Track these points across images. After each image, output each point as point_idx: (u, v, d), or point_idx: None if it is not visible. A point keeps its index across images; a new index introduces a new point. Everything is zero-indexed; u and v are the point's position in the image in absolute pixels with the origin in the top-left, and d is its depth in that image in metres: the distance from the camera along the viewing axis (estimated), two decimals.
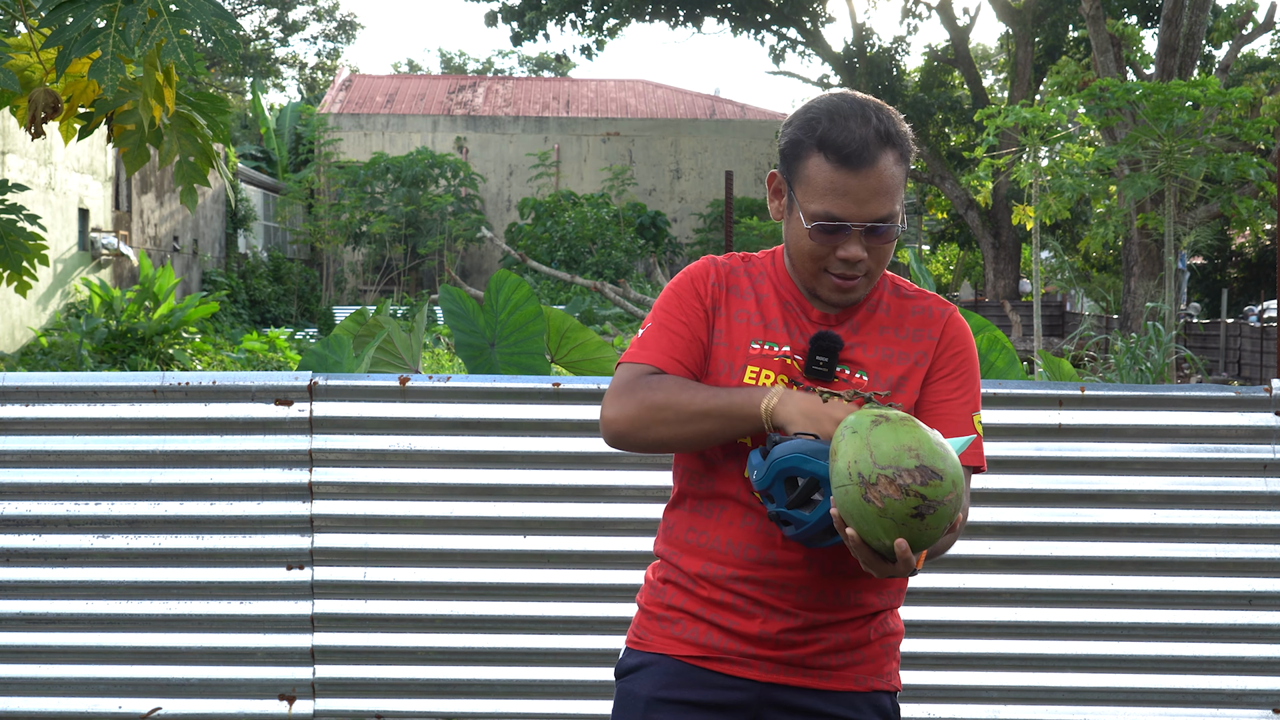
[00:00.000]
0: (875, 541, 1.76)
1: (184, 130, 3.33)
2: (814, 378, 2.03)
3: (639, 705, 2.09)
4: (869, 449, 1.75)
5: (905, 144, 2.00)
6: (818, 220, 1.97)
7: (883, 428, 1.78)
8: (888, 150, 1.96)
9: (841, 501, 1.77)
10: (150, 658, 3.58)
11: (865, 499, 1.74)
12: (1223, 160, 12.87)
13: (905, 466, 1.73)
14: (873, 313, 2.10)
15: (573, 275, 12.40)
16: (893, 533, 1.74)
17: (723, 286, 2.12)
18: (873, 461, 1.74)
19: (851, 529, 1.77)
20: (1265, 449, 3.52)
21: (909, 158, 2.02)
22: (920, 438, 1.77)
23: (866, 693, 2.09)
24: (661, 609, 2.12)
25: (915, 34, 41.69)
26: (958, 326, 2.12)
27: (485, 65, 54.00)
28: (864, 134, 1.95)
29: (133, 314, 15.69)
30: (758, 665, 2.06)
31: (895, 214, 1.98)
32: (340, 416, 3.56)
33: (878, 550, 1.77)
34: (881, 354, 2.07)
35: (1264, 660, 3.53)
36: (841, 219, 1.97)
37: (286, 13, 44.92)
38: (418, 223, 29.95)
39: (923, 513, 1.73)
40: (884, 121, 1.98)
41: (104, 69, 2.63)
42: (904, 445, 1.75)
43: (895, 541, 1.74)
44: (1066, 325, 27.25)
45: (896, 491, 1.72)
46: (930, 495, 1.73)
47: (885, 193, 1.96)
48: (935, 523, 1.74)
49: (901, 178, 2.00)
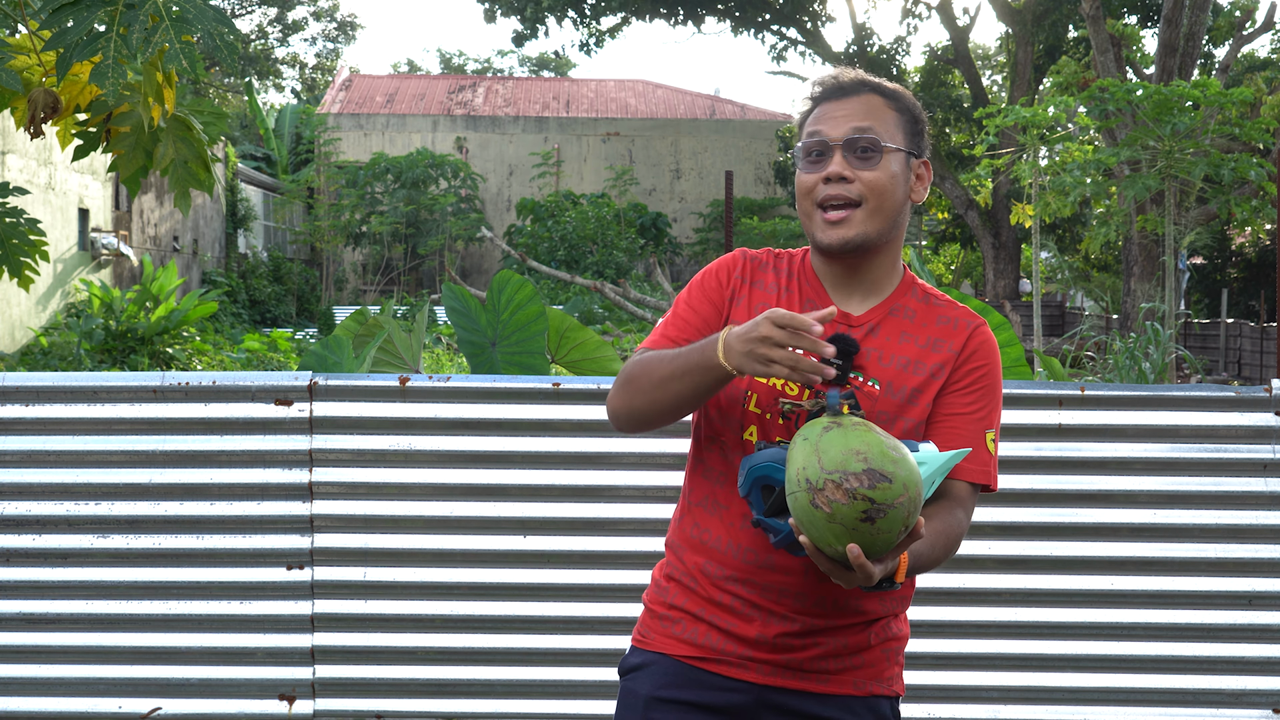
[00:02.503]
0: (828, 548, 1.73)
1: (180, 134, 3.34)
2: (828, 380, 2.02)
3: (639, 704, 2.10)
4: (817, 454, 1.72)
5: (903, 102, 2.08)
6: (801, 144, 2.05)
7: (833, 433, 1.75)
8: (874, 94, 2.06)
9: (793, 508, 1.74)
10: (150, 658, 3.58)
11: (813, 504, 1.71)
12: (1223, 161, 12.87)
13: (852, 470, 1.70)
14: (895, 317, 2.07)
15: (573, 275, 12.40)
16: (843, 538, 1.70)
17: (747, 279, 2.12)
18: (820, 467, 1.71)
19: (804, 536, 1.75)
20: (1265, 449, 3.52)
21: (911, 117, 2.08)
22: (870, 441, 1.73)
23: (865, 697, 2.08)
24: (664, 608, 2.13)
25: (915, 34, 41.71)
26: (982, 341, 2.08)
27: (485, 65, 54.01)
28: (848, 75, 2.08)
29: (133, 314, 15.68)
30: (755, 668, 2.06)
31: (876, 132, 2.02)
32: (340, 416, 3.56)
33: (832, 557, 1.74)
34: (898, 362, 2.04)
35: (1264, 660, 3.53)
36: (820, 133, 2.03)
37: (286, 13, 44.90)
38: (418, 223, 29.95)
39: (872, 516, 1.69)
40: (879, 82, 2.08)
41: (105, 74, 2.63)
42: (851, 449, 1.72)
43: (847, 547, 1.71)
44: (1066, 325, 27.25)
45: (843, 496, 1.69)
46: (879, 499, 1.69)
47: (865, 114, 2.03)
48: (887, 526, 1.70)
49: (894, 120, 2.05)
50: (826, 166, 2.02)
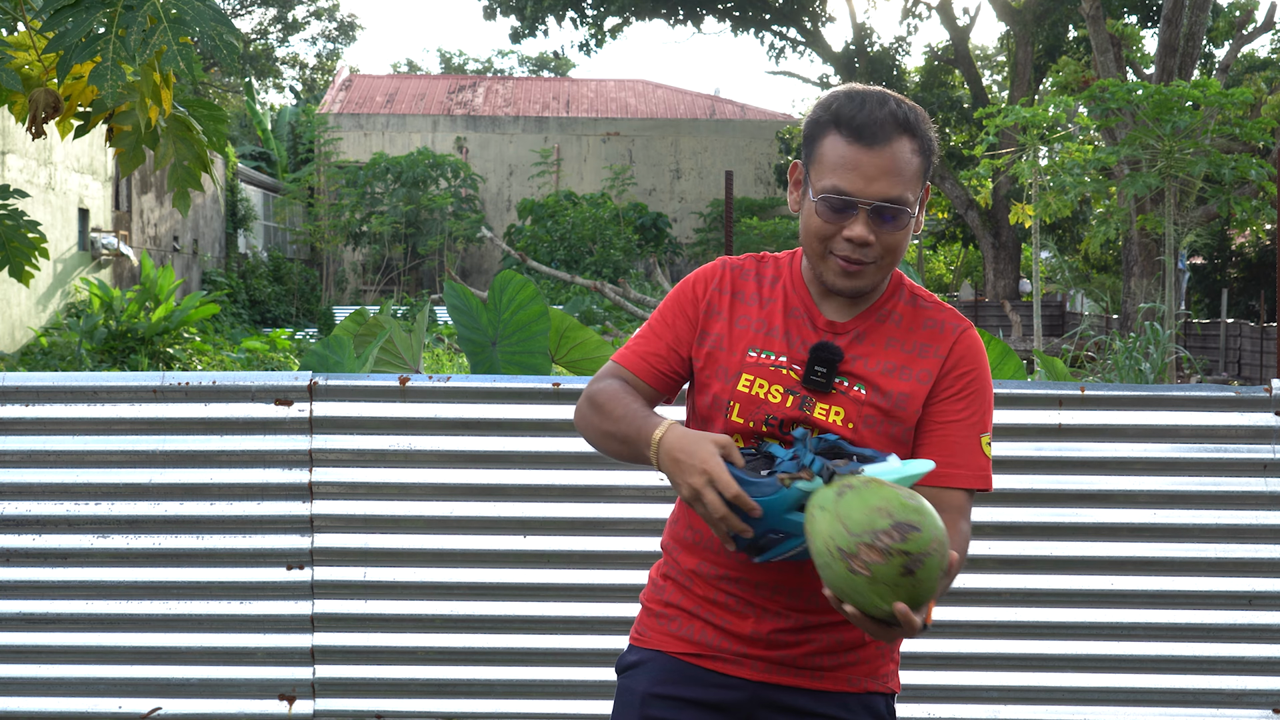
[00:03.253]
0: (876, 610, 1.71)
1: (179, 134, 3.34)
2: (812, 388, 2.01)
3: (636, 701, 2.11)
4: (840, 522, 1.71)
5: (925, 138, 1.97)
6: (825, 194, 1.95)
7: (848, 496, 1.73)
8: (904, 136, 1.94)
9: (830, 580, 1.73)
10: (150, 658, 3.58)
11: (851, 571, 1.69)
12: (1223, 161, 12.87)
13: (880, 528, 1.69)
14: (882, 323, 2.06)
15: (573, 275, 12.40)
16: (889, 597, 1.69)
17: (726, 291, 2.10)
18: (847, 532, 1.70)
19: (849, 605, 1.73)
20: (1265, 449, 3.52)
21: (929, 154, 1.98)
22: (888, 496, 1.72)
23: (860, 694, 2.09)
24: (660, 606, 2.14)
25: (915, 34, 41.71)
26: (968, 345, 2.06)
27: (485, 65, 54.00)
28: (880, 114, 1.93)
29: (133, 314, 15.69)
30: (750, 664, 2.06)
31: (906, 200, 1.94)
32: (340, 416, 3.56)
33: (881, 619, 1.73)
34: (884, 367, 2.03)
35: (1264, 660, 3.53)
36: (849, 193, 1.93)
37: (286, 13, 44.90)
38: (418, 223, 29.95)
39: (911, 569, 1.68)
40: (904, 110, 1.96)
41: (104, 75, 2.63)
42: (874, 508, 1.70)
43: (894, 606, 1.69)
44: (1066, 325, 27.25)
45: (879, 555, 1.68)
46: (913, 550, 1.68)
47: (896, 174, 1.93)
48: (927, 575, 1.70)
49: (917, 168, 1.96)
50: (849, 225, 1.95)
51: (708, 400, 2.06)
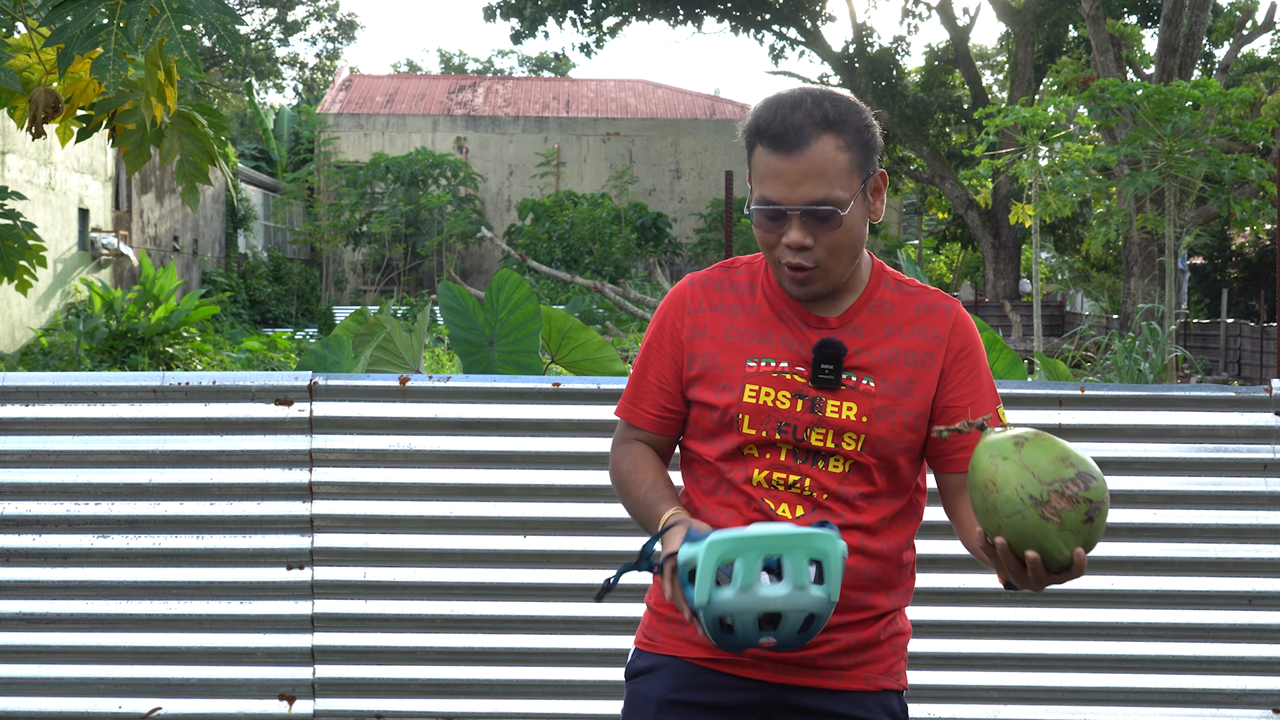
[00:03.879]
0: (1058, 555, 1.79)
1: (185, 129, 3.33)
2: (821, 387, 2.01)
3: (650, 707, 2.08)
4: (1029, 470, 1.79)
5: (854, 131, 1.96)
6: (757, 206, 1.98)
7: (1029, 446, 1.82)
8: (824, 135, 1.93)
9: (1019, 527, 1.79)
10: (150, 658, 3.58)
11: (1044, 518, 1.78)
12: (1223, 161, 12.87)
13: (1068, 477, 1.78)
14: (875, 313, 2.06)
15: (573, 275, 12.40)
16: (1071, 543, 1.78)
17: (704, 309, 2.10)
18: (1038, 480, 1.78)
19: (1032, 551, 1.78)
20: (1265, 449, 3.52)
21: (864, 146, 1.97)
22: (1064, 448, 1.82)
23: (876, 692, 2.09)
24: (672, 610, 2.11)
25: (915, 34, 41.71)
26: (965, 323, 2.10)
27: (485, 65, 53.99)
28: (795, 118, 1.93)
29: (133, 314, 15.69)
30: (769, 666, 2.05)
31: (835, 199, 1.93)
32: (340, 416, 3.56)
33: (1058, 563, 1.80)
34: (888, 355, 2.04)
35: (1264, 660, 3.53)
36: (775, 202, 1.95)
37: (286, 13, 44.90)
38: (418, 223, 29.95)
39: (1092, 515, 1.78)
40: (825, 108, 1.95)
41: (106, 66, 2.61)
42: (1056, 457, 1.80)
43: (1074, 551, 1.78)
44: (1066, 325, 27.25)
45: (1068, 503, 1.77)
46: (1094, 498, 1.78)
47: (819, 176, 1.93)
48: (1100, 523, 1.80)
49: (846, 164, 1.94)
50: (784, 232, 1.97)
51: (714, 417, 2.06)
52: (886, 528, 2.06)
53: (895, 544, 2.08)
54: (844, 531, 2.02)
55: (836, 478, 2.03)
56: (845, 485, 2.03)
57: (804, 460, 2.03)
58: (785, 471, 2.03)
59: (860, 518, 2.03)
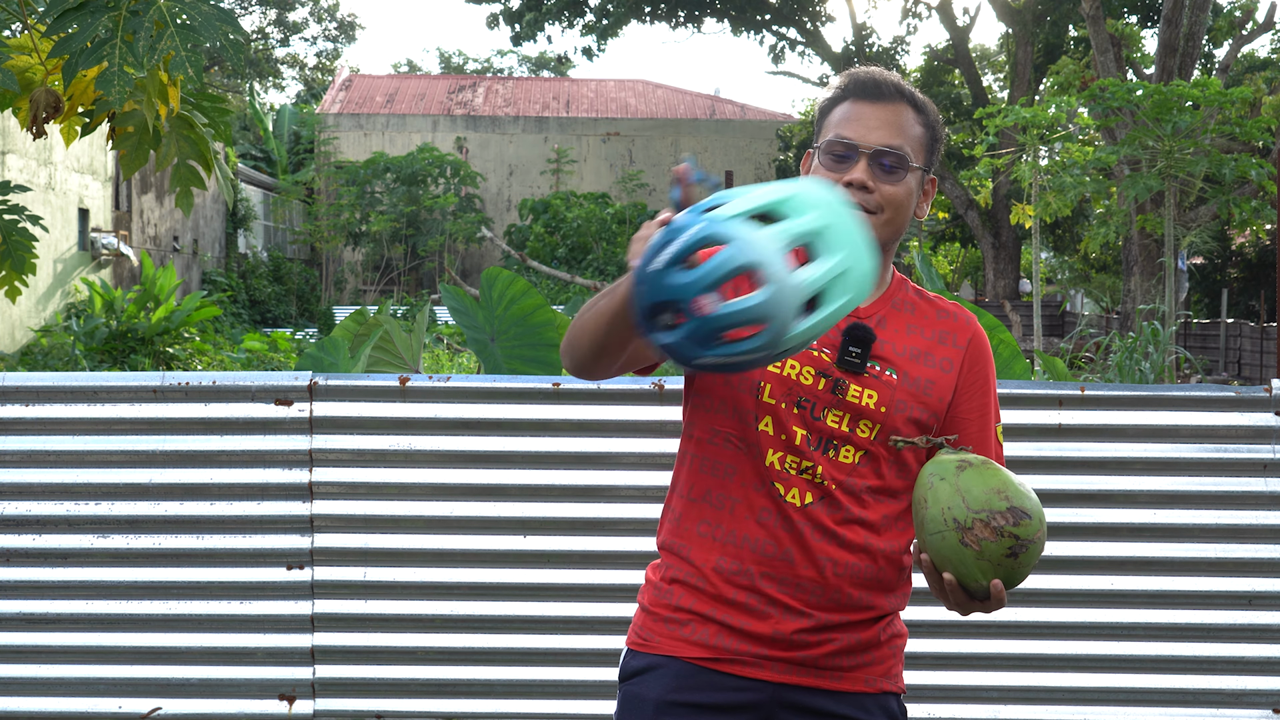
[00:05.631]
0: (973, 583, 1.82)
1: (182, 132, 3.33)
2: (846, 369, 2.02)
3: (648, 709, 2.06)
4: (960, 495, 1.82)
5: (931, 116, 2.09)
6: (828, 143, 2.05)
7: (969, 472, 1.84)
8: (906, 103, 2.06)
9: (939, 547, 1.83)
10: (150, 658, 3.58)
11: (963, 543, 1.80)
12: (1223, 161, 12.87)
13: (998, 509, 1.80)
14: (898, 310, 2.10)
15: (573, 275, 12.39)
16: (989, 573, 1.80)
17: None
18: (966, 506, 1.81)
19: (949, 574, 1.83)
20: (1265, 449, 3.52)
21: (934, 133, 2.09)
22: (1005, 480, 1.84)
23: (876, 694, 2.08)
24: (669, 610, 2.09)
25: (915, 34, 41.72)
26: (982, 337, 2.15)
27: (485, 65, 53.99)
28: (888, 79, 2.06)
29: (133, 314, 15.69)
30: (770, 666, 2.04)
31: (905, 152, 2.03)
32: (340, 416, 3.56)
33: (974, 592, 1.83)
34: (910, 352, 2.07)
35: (1264, 660, 3.53)
36: (849, 139, 2.03)
37: (286, 13, 44.91)
38: (418, 223, 29.95)
39: (1016, 552, 1.79)
40: (911, 88, 2.08)
41: (111, 80, 2.60)
42: (993, 488, 1.82)
43: (991, 582, 1.80)
44: (1066, 326, 27.25)
45: (991, 534, 1.79)
46: (1022, 535, 1.79)
47: (897, 127, 2.03)
48: (1027, 560, 1.81)
49: (920, 136, 2.06)
50: (850, 171, 2.03)
51: (731, 380, 2.04)
52: (890, 527, 2.06)
53: (897, 545, 2.08)
54: (850, 526, 2.02)
55: (847, 468, 2.02)
56: (855, 476, 2.03)
57: (817, 446, 2.02)
58: (799, 456, 2.02)
59: (866, 513, 2.04)
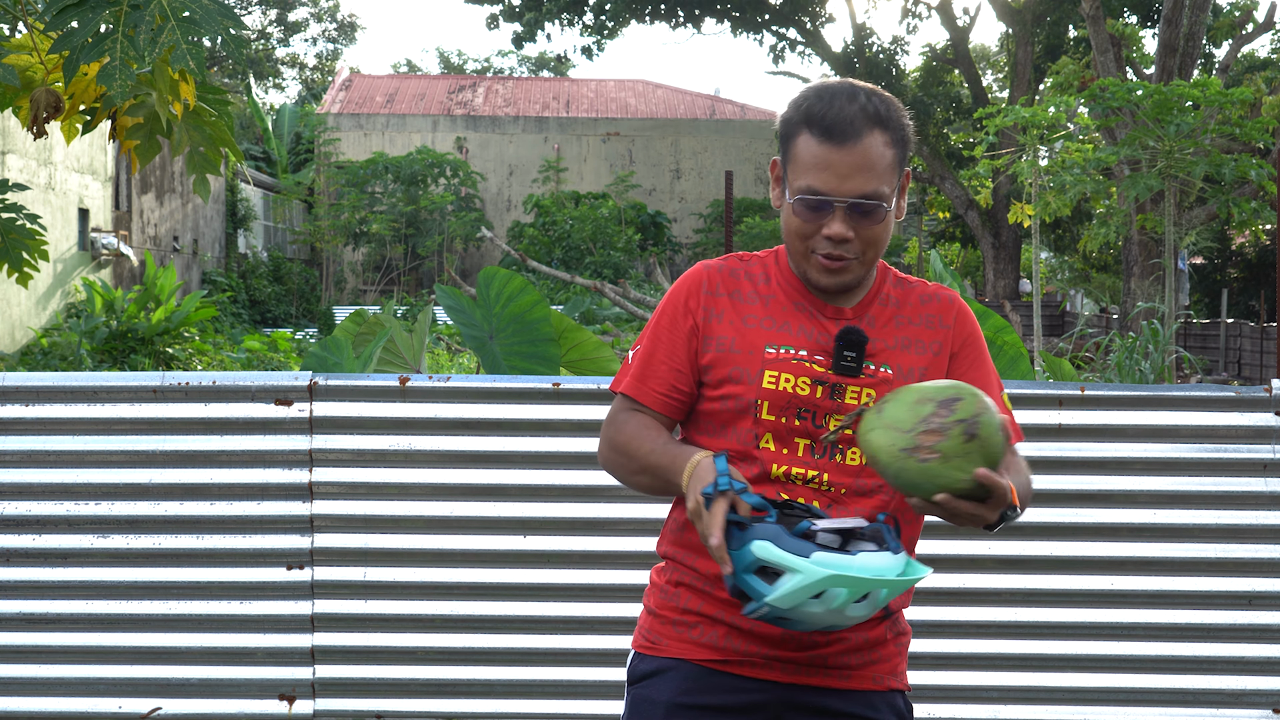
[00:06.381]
0: (962, 485, 1.79)
1: (193, 121, 3.32)
2: (842, 374, 2.02)
3: (658, 711, 2.06)
4: (892, 429, 1.80)
5: (899, 129, 2.00)
6: (801, 195, 1.98)
7: (888, 406, 1.84)
8: (875, 130, 1.96)
9: (911, 481, 1.80)
10: (150, 658, 3.58)
11: (922, 462, 1.78)
12: (1223, 161, 12.87)
13: (926, 414, 1.79)
14: (884, 306, 2.09)
15: (573, 275, 12.40)
16: (964, 467, 1.78)
17: (719, 292, 2.08)
18: (901, 433, 1.79)
19: (941, 495, 1.80)
20: (1265, 449, 3.52)
21: (904, 144, 2.01)
22: (919, 389, 1.84)
23: (884, 692, 2.09)
24: (676, 613, 2.09)
25: (915, 34, 41.73)
26: (966, 311, 2.14)
27: (485, 65, 53.99)
28: (849, 111, 1.96)
29: (133, 314, 15.68)
30: (779, 667, 2.04)
31: (882, 194, 1.97)
32: (340, 416, 3.56)
33: (972, 494, 1.80)
34: (901, 343, 2.07)
35: (1264, 660, 3.53)
36: (824, 193, 1.96)
37: (287, 13, 44.91)
38: (417, 223, 29.96)
39: (972, 432, 1.78)
40: (875, 103, 1.98)
41: (113, 75, 2.60)
42: (913, 402, 1.81)
43: (975, 473, 1.78)
44: (1066, 326, 27.25)
45: (938, 435, 1.77)
46: (965, 415, 1.79)
47: (869, 169, 1.95)
48: (989, 433, 1.79)
49: (891, 160, 1.98)
50: (828, 224, 1.98)
51: (727, 405, 2.04)
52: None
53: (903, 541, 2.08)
54: None
55: (854, 470, 2.02)
56: (864, 477, 2.02)
57: (822, 454, 2.02)
58: (804, 466, 2.02)
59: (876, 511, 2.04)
